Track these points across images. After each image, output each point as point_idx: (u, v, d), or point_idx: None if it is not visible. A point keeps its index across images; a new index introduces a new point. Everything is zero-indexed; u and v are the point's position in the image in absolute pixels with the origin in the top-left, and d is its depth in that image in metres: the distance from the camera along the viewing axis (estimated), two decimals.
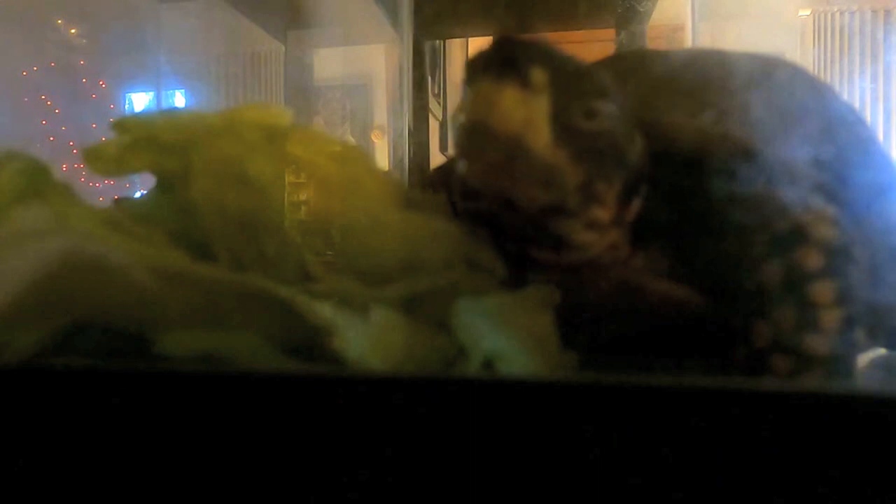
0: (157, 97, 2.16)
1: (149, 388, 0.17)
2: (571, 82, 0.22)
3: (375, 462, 0.16)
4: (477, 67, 0.22)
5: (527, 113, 0.21)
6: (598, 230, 0.24)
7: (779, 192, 0.26)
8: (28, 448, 0.17)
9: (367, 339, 0.20)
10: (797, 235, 0.24)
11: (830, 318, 0.23)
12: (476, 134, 0.22)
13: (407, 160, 1.34)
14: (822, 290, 0.23)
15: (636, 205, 0.26)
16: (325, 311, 0.20)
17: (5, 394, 0.18)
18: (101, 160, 0.25)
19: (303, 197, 0.27)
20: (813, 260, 0.23)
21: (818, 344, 0.23)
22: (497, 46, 0.22)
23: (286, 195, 0.25)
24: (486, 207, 0.24)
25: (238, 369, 0.18)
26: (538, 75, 0.21)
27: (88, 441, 0.17)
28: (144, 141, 0.25)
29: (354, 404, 0.16)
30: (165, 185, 0.26)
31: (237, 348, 0.20)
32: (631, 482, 0.15)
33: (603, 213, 0.24)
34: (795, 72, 0.33)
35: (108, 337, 0.22)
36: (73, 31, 1.85)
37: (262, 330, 0.21)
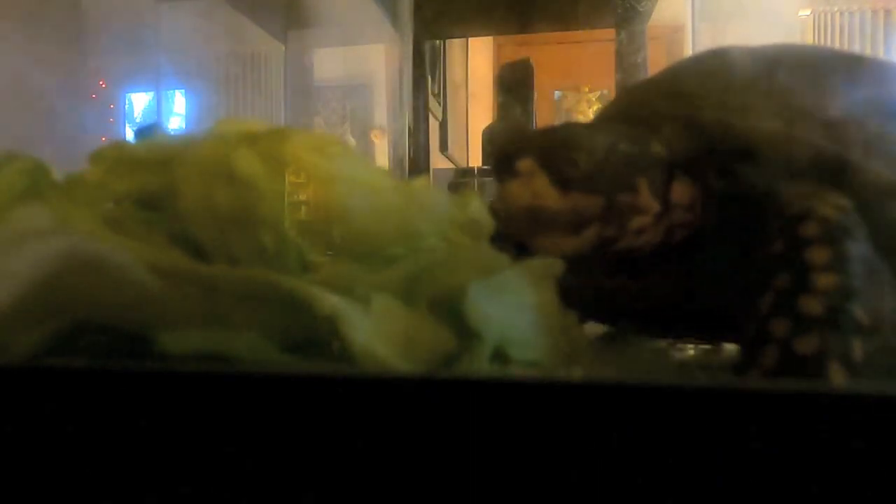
0: (157, 97, 2.16)
1: (149, 388, 0.17)
2: (551, 150, 0.29)
3: (376, 462, 0.16)
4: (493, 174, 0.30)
5: (530, 190, 0.28)
6: (648, 229, 0.30)
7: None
8: (28, 448, 0.17)
9: (371, 327, 0.20)
10: (803, 214, 0.26)
11: (825, 282, 0.24)
12: (509, 222, 0.28)
13: (407, 160, 1.34)
14: (817, 254, 0.25)
15: (680, 186, 0.30)
16: (329, 299, 0.20)
17: (5, 394, 0.18)
18: (82, 191, 0.25)
19: (292, 191, 0.27)
20: (811, 229, 0.25)
21: (812, 305, 0.24)
22: (496, 155, 0.30)
23: (276, 190, 0.25)
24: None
25: (239, 369, 0.18)
26: (525, 163, 0.28)
27: (89, 441, 0.17)
28: (125, 164, 0.25)
29: (355, 404, 0.16)
30: (154, 205, 0.26)
31: (238, 347, 0.20)
32: (631, 482, 0.15)
33: (642, 217, 0.29)
34: (883, 66, 0.34)
35: (108, 337, 0.22)
36: (73, 31, 1.85)
37: (262, 328, 0.21)
